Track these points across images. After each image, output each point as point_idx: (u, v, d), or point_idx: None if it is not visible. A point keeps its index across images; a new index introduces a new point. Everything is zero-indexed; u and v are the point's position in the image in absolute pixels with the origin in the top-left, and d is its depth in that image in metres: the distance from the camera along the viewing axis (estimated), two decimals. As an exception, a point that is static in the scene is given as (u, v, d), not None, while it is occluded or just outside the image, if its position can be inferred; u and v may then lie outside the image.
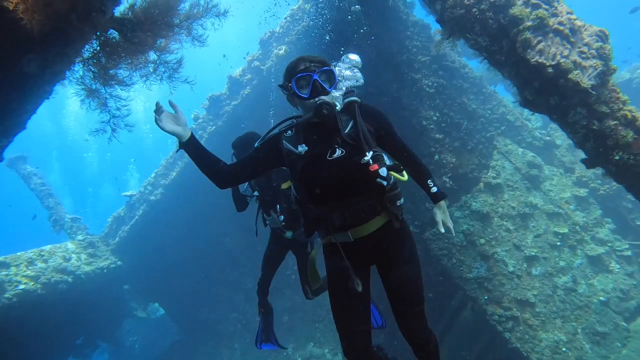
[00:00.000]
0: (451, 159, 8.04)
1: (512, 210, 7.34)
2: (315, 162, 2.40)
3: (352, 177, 2.38)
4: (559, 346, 6.24)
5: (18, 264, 9.03)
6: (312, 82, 2.33)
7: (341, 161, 2.38)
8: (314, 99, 2.34)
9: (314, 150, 2.41)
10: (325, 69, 2.37)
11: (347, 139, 2.41)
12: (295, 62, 2.43)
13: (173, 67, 3.31)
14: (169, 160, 11.90)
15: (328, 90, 2.37)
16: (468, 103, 8.49)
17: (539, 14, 3.76)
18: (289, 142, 2.48)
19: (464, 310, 6.90)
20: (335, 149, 2.40)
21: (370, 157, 2.36)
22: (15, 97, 3.70)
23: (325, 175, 2.38)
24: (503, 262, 6.78)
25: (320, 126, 2.41)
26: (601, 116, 3.69)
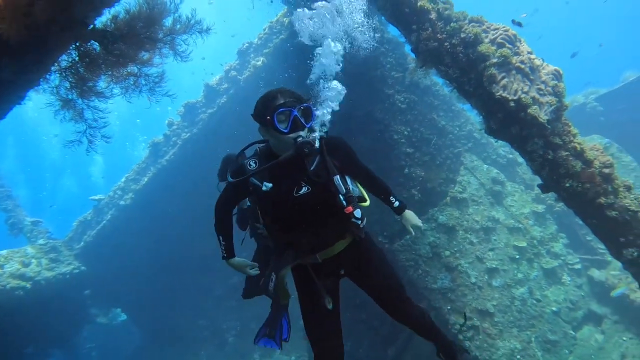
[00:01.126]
0: (420, 172, 8.35)
1: (476, 224, 7.70)
2: (281, 199, 2.44)
3: (318, 212, 2.46)
4: (514, 354, 6.59)
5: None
6: (291, 118, 2.34)
7: (307, 198, 2.44)
8: (293, 134, 2.36)
9: (281, 187, 2.44)
10: (305, 105, 2.40)
11: (313, 176, 2.44)
12: (274, 95, 2.41)
13: (154, 80, 3.35)
14: (141, 166, 11.69)
15: (306, 126, 2.39)
16: (438, 119, 8.86)
17: (503, 52, 4.11)
18: (255, 177, 2.47)
19: (428, 320, 7.15)
20: (302, 185, 2.45)
21: (344, 199, 2.42)
22: (-14, 102, 3.63)
23: (292, 212, 2.44)
24: (466, 273, 7.11)
25: (287, 162, 2.40)
26: (555, 147, 4.08)
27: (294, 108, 2.36)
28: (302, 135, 2.38)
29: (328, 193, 2.45)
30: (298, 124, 2.37)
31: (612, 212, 4.06)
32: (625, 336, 7.05)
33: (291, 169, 2.45)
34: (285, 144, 2.40)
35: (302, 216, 2.46)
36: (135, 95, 3.36)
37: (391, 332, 7.62)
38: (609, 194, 4.12)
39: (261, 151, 2.58)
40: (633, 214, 4.05)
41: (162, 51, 3.28)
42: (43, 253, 10.88)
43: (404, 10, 4.72)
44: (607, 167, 4.12)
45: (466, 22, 4.57)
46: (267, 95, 2.44)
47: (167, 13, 3.15)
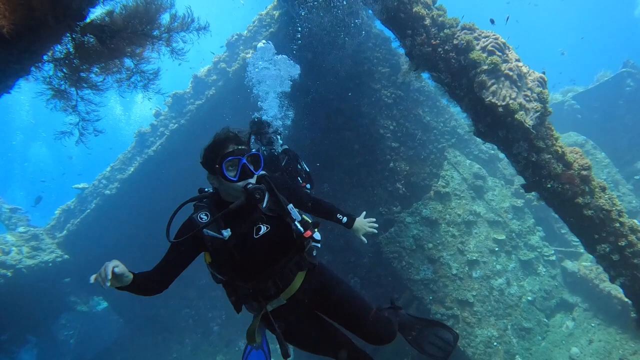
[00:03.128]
0: (405, 167, 8.54)
1: (458, 218, 7.96)
2: (243, 244, 2.40)
3: (280, 247, 2.49)
4: (490, 341, 6.92)
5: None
6: (240, 166, 2.35)
7: (268, 237, 2.45)
8: (242, 182, 2.37)
9: (240, 232, 2.40)
10: (253, 153, 2.43)
11: (268, 212, 2.48)
12: (222, 143, 2.40)
13: (149, 77, 3.38)
14: (127, 155, 11.55)
15: (254, 173, 2.42)
16: (423, 115, 9.05)
17: (493, 60, 4.29)
18: (209, 229, 2.38)
19: (410, 309, 7.41)
20: (260, 226, 2.46)
21: (301, 225, 2.47)
22: (-25, 91, 3.59)
23: (255, 254, 2.42)
24: (448, 265, 7.37)
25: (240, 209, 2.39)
26: (538, 150, 4.32)
27: (243, 156, 2.37)
28: (251, 182, 2.39)
29: (286, 225, 2.48)
30: (247, 172, 2.38)
31: (588, 211, 4.35)
32: (593, 322, 7.47)
33: (245, 212, 2.44)
34: (235, 191, 2.40)
35: (264, 258, 2.45)
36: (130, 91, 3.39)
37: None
38: (586, 195, 4.42)
39: (210, 202, 2.52)
40: (607, 212, 4.36)
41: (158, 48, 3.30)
42: (24, 241, 10.72)
43: (399, 16, 4.83)
44: (585, 169, 4.40)
45: (459, 29, 4.73)
46: (214, 142, 2.41)
47: (164, 10, 3.17)
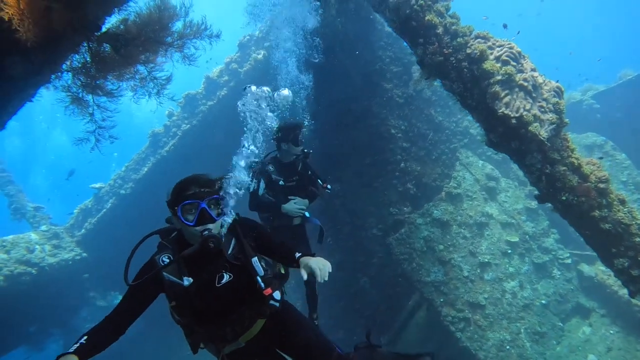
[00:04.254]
0: (416, 167, 8.52)
1: (470, 219, 7.92)
2: (204, 292, 2.32)
3: (242, 297, 2.42)
4: (503, 345, 6.87)
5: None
6: (199, 210, 2.26)
7: (231, 286, 2.38)
8: (200, 227, 2.27)
9: (201, 280, 2.32)
10: (215, 197, 2.32)
11: (232, 260, 2.40)
12: (185, 184, 2.34)
13: (161, 83, 3.49)
14: (141, 155, 11.81)
15: (215, 219, 2.30)
16: (435, 115, 9.01)
17: (507, 70, 4.24)
18: (170, 273, 2.30)
19: (420, 310, 7.41)
20: (223, 274, 2.37)
21: (262, 281, 2.41)
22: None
23: (215, 302, 2.35)
24: (459, 267, 7.34)
25: (201, 252, 2.31)
26: (553, 162, 4.25)
27: (202, 200, 2.27)
28: (209, 228, 2.28)
29: (249, 276, 2.41)
30: (206, 217, 2.27)
31: (605, 224, 4.21)
32: (612, 329, 7.34)
33: (208, 259, 2.36)
34: (194, 236, 2.31)
35: (225, 306, 2.39)
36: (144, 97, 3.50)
37: (383, 321, 7.87)
38: (603, 208, 4.27)
39: (174, 242, 2.42)
40: (625, 227, 4.21)
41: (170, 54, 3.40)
42: (46, 239, 11.07)
43: (411, 24, 4.78)
44: (603, 182, 4.27)
45: (472, 38, 4.66)
46: (180, 183, 2.36)
47: (177, 17, 3.27)
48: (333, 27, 8.63)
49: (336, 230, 8.79)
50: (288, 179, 4.71)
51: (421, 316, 7.32)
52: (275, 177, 4.65)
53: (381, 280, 8.17)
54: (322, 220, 8.77)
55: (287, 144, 4.61)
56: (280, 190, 4.67)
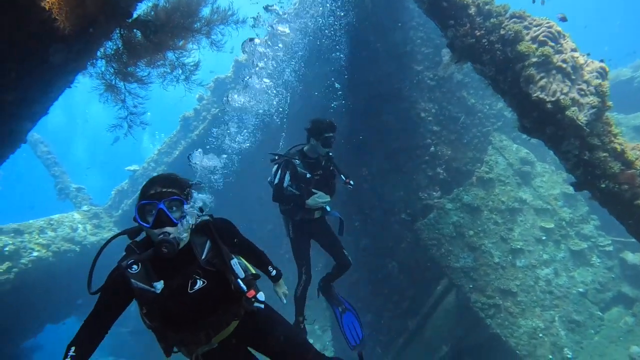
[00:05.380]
0: (447, 151, 8.34)
1: (502, 205, 7.69)
2: (175, 298, 2.20)
3: (216, 302, 2.32)
4: (536, 332, 6.71)
5: (31, 231, 9.49)
6: (156, 211, 2.09)
7: (204, 292, 2.25)
8: (157, 230, 2.11)
9: (173, 286, 2.19)
10: (175, 198, 2.13)
11: (206, 266, 2.26)
12: (148, 183, 2.21)
13: (190, 69, 3.56)
14: (173, 139, 12.18)
15: (174, 222, 2.12)
16: (467, 97, 8.72)
17: (544, 52, 3.99)
18: (139, 280, 2.15)
19: (449, 296, 7.34)
20: (196, 280, 2.24)
21: (244, 283, 2.33)
22: (41, 86, 3.97)
23: (188, 308, 2.24)
24: (489, 253, 7.19)
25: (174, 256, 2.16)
26: (592, 147, 3.98)
27: (160, 201, 2.10)
28: (167, 231, 2.10)
29: (225, 281, 2.30)
30: (163, 219, 2.10)
31: None
32: (659, 320, 7.00)
33: (180, 262, 2.22)
34: (153, 239, 2.17)
35: (198, 312, 2.28)
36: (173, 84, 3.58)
37: (411, 306, 7.87)
38: None
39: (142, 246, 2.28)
40: None
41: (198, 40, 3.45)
42: (87, 219, 11.72)
43: (441, 4, 4.56)
44: None
45: (507, 18, 4.39)
46: (146, 182, 2.23)
47: (205, 3, 3.31)
48: (363, 7, 8.46)
49: (364, 214, 8.79)
50: (312, 173, 4.71)
51: (449, 302, 7.26)
52: (301, 171, 4.65)
53: (409, 265, 8.14)
54: (349, 205, 8.84)
55: (316, 142, 4.61)
56: (306, 184, 4.67)
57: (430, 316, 7.42)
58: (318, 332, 10.75)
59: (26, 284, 8.32)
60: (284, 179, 4.56)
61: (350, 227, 8.91)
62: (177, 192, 2.17)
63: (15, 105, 4.02)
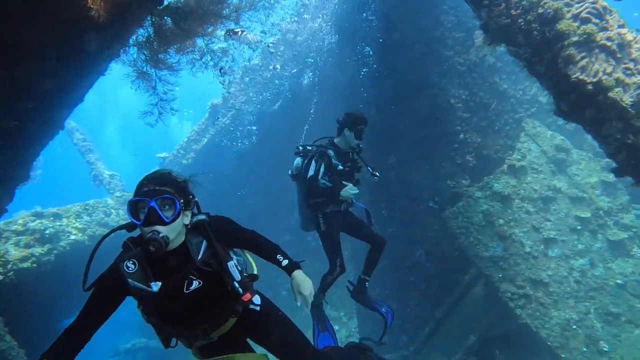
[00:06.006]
0: (476, 138, 8.13)
1: (534, 193, 7.45)
2: (171, 298, 2.20)
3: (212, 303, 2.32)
4: (569, 324, 6.50)
5: (68, 215, 9.93)
6: (147, 209, 2.06)
7: (200, 293, 2.24)
8: (147, 228, 2.07)
9: (169, 286, 2.18)
10: (167, 197, 2.09)
11: (202, 266, 2.23)
12: (143, 180, 2.18)
13: (218, 55, 3.59)
14: (201, 127, 12.39)
15: (165, 220, 2.07)
16: (499, 83, 8.43)
17: (586, 30, 3.73)
18: (135, 279, 2.14)
19: (477, 285, 7.24)
20: (192, 280, 2.23)
21: (240, 286, 2.30)
22: (77, 74, 4.10)
23: (184, 308, 2.25)
24: (520, 242, 7.00)
25: (168, 256, 2.17)
26: (637, 131, 3.71)
27: (152, 199, 2.06)
28: (157, 229, 2.06)
29: (221, 282, 2.28)
30: (153, 217, 2.06)
31: None
32: None
33: (175, 262, 2.21)
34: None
35: (195, 311, 2.29)
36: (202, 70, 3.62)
37: (438, 295, 7.80)
38: None
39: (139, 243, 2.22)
40: None
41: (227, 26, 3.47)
42: (120, 205, 12.13)
43: None
44: None
45: None
46: (141, 179, 2.20)
47: (234, -11, 3.32)
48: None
49: (391, 202, 8.73)
50: (344, 165, 4.69)
51: (477, 291, 7.15)
52: (335, 162, 4.61)
53: (436, 253, 8.05)
54: (376, 192, 8.79)
55: (350, 133, 4.61)
56: (338, 176, 4.62)
57: (457, 305, 7.34)
58: (344, 319, 10.83)
59: (64, 265, 8.71)
60: (319, 170, 4.49)
61: (377, 215, 8.85)
62: (171, 191, 2.12)
63: (54, 93, 4.18)
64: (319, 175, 4.45)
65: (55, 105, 4.43)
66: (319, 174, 4.45)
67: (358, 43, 8.88)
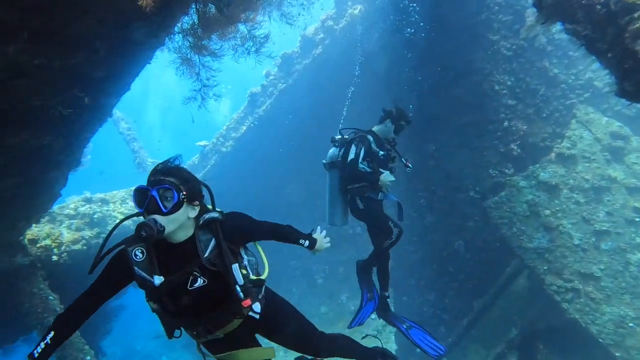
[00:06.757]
0: (522, 126, 7.79)
1: (585, 183, 7.03)
2: (174, 293, 2.22)
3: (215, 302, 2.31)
4: (624, 321, 6.10)
5: (115, 201, 10.48)
6: (148, 198, 2.08)
7: (203, 291, 2.25)
8: (149, 216, 2.07)
9: (172, 281, 2.19)
10: (166, 186, 2.08)
11: (207, 264, 2.22)
12: (152, 170, 2.20)
13: (260, 41, 3.60)
14: (240, 115, 12.59)
15: (163, 210, 2.07)
16: (549, 67, 7.99)
17: None
18: (141, 268, 2.17)
19: (519, 277, 6.98)
20: (196, 277, 2.23)
21: (242, 291, 2.30)
22: (125, 62, 4.25)
23: (187, 304, 2.25)
24: (568, 234, 6.65)
25: (177, 249, 2.20)
26: None
27: (153, 188, 2.08)
28: (155, 218, 2.06)
29: (226, 283, 2.28)
30: (153, 207, 2.07)
31: None
32: None
33: (181, 256, 2.22)
34: None
35: (197, 308, 2.30)
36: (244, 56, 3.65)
37: (477, 286, 7.60)
38: None
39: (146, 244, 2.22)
40: None
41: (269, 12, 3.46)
42: (163, 192, 12.66)
43: None
44: None
45: None
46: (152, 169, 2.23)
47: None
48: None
49: (430, 192, 8.56)
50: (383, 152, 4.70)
51: (520, 283, 6.90)
52: (374, 148, 4.59)
53: (476, 244, 7.84)
54: (415, 181, 8.62)
55: (391, 125, 4.69)
56: (378, 162, 4.61)
57: (498, 297, 7.12)
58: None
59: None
60: (360, 154, 4.46)
61: (415, 204, 8.74)
62: (173, 182, 2.11)
63: (104, 81, 4.35)
64: (359, 159, 4.40)
65: (104, 93, 4.62)
66: (359, 158, 4.40)
67: (400, 29, 8.67)
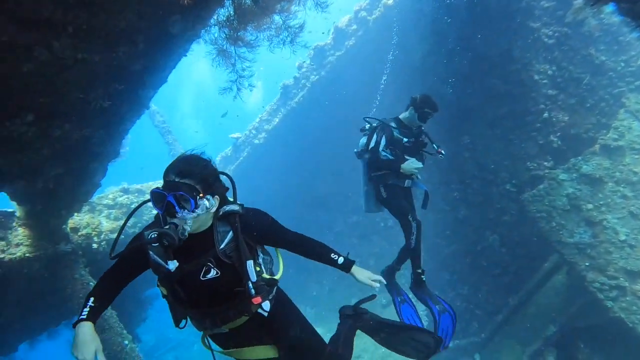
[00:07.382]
0: (563, 117, 7.45)
1: (634, 176, 6.66)
2: (186, 281, 2.22)
3: (225, 296, 2.28)
4: (678, 322, 5.79)
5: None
6: (165, 203, 2.07)
7: (215, 283, 2.23)
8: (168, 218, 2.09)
9: (186, 268, 2.19)
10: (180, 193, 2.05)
11: (222, 257, 2.21)
12: (168, 168, 2.17)
13: (295, 31, 3.59)
14: (273, 107, 12.68)
15: (177, 213, 2.06)
16: (595, 55, 7.57)
17: None
18: (157, 253, 2.18)
19: (558, 273, 6.72)
20: (210, 268, 2.22)
21: (253, 288, 2.26)
22: (162, 55, 4.36)
23: (197, 294, 2.25)
24: (613, 229, 6.33)
25: (194, 238, 2.17)
26: None
27: (169, 194, 2.06)
28: (175, 222, 2.07)
29: (238, 277, 2.26)
30: (171, 211, 2.07)
31: None
32: None
33: (197, 246, 2.21)
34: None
35: (207, 298, 2.28)
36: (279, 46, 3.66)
37: (513, 281, 7.38)
38: None
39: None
40: None
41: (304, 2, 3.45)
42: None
43: None
44: None
45: None
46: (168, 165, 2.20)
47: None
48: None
49: (464, 184, 8.36)
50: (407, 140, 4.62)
51: (559, 280, 6.64)
52: (397, 136, 4.55)
53: (512, 238, 7.61)
54: (449, 173, 8.43)
55: (414, 113, 4.56)
56: (401, 149, 4.56)
57: (535, 293, 6.89)
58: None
59: (147, 239, 9.71)
60: (380, 142, 4.47)
61: (448, 197, 8.57)
62: (190, 184, 2.09)
63: (142, 74, 4.48)
64: (379, 147, 4.42)
65: (142, 85, 4.76)
66: (379, 146, 4.42)
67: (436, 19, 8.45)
